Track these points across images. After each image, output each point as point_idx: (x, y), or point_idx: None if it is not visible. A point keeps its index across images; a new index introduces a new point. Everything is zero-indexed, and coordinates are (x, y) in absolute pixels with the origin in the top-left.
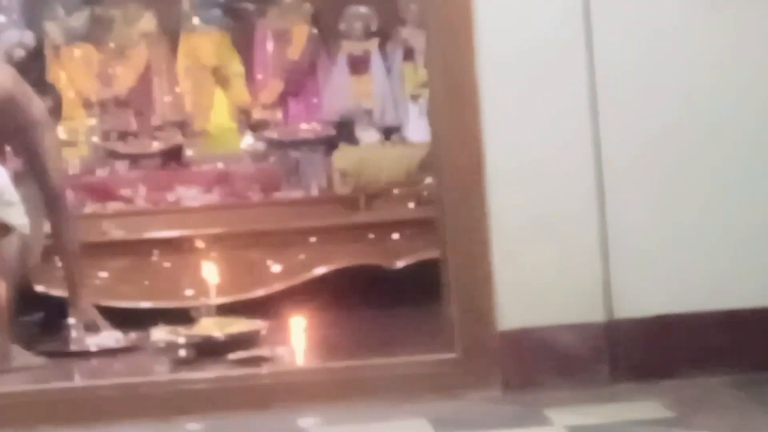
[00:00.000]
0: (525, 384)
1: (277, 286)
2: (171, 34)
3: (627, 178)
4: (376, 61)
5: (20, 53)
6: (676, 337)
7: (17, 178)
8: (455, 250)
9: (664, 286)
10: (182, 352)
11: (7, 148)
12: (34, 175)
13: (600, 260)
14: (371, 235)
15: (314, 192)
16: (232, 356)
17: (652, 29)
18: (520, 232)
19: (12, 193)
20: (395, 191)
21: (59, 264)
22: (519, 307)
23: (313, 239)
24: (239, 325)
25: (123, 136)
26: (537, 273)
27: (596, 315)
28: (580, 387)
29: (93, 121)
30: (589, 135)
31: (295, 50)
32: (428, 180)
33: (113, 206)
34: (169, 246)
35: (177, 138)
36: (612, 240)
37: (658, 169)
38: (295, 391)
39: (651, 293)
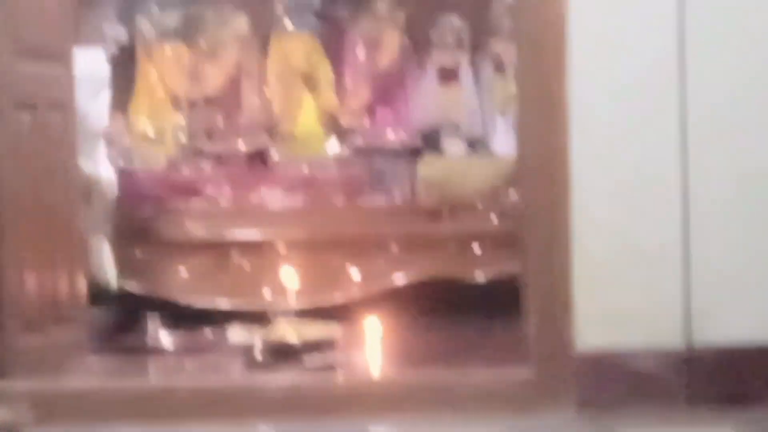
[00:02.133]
0: (600, 405)
1: (356, 293)
2: (263, 36)
3: (713, 210)
4: (465, 73)
5: (112, 49)
6: (755, 365)
7: None
8: (536, 267)
9: (744, 315)
10: (258, 354)
11: None
12: None
13: (682, 287)
14: (452, 247)
15: (398, 200)
16: (307, 361)
17: (746, 72)
18: (604, 255)
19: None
20: (479, 203)
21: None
22: (598, 328)
23: (394, 247)
24: (316, 330)
25: (210, 135)
26: (618, 296)
27: (676, 340)
28: (656, 411)
29: (181, 119)
30: (678, 167)
31: (386, 58)
32: (512, 194)
33: (197, 204)
34: (250, 247)
35: (263, 140)
36: (695, 268)
37: (744, 202)
38: (368, 400)
39: (731, 321)
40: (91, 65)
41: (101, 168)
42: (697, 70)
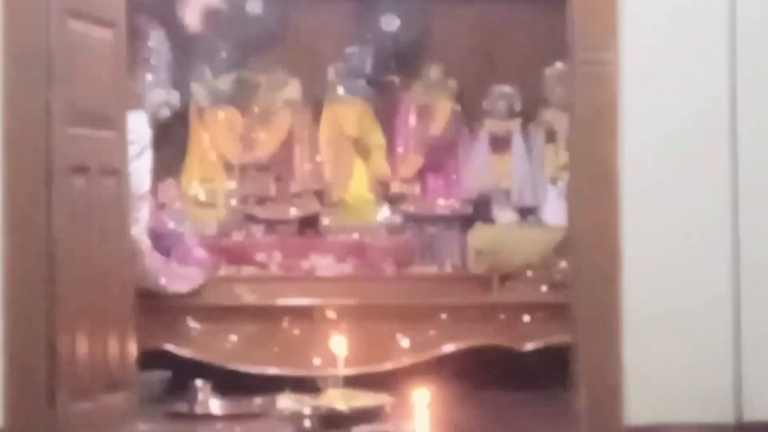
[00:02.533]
0: None
1: (405, 361)
2: (315, 102)
3: (765, 277)
4: (517, 141)
5: (166, 113)
6: None
7: None
8: (586, 338)
9: None
10: (307, 423)
11: None
12: None
13: (732, 359)
14: (502, 316)
15: (448, 269)
16: (356, 430)
17: None
18: (653, 326)
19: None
20: (529, 273)
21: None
22: (648, 401)
23: (444, 316)
24: (365, 399)
25: (261, 200)
26: (667, 368)
27: (726, 416)
28: None
29: (233, 184)
30: (728, 230)
31: (438, 126)
32: (562, 264)
33: (247, 270)
34: (301, 314)
35: (314, 206)
36: (745, 339)
37: None
38: None
39: None
40: (133, 128)
41: (142, 230)
42: (747, 128)
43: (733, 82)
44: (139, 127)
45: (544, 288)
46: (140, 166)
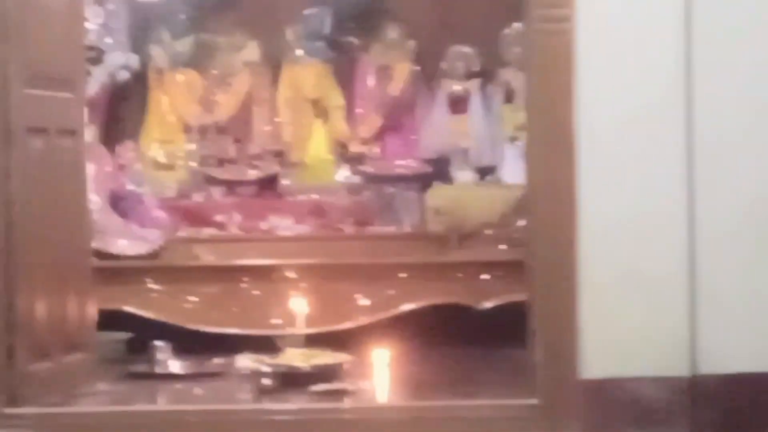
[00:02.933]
0: None
1: (365, 320)
2: (274, 64)
3: (719, 240)
4: (475, 101)
5: (125, 75)
6: (759, 395)
7: None
8: (543, 295)
9: (749, 344)
10: (266, 381)
11: None
12: None
13: (687, 316)
14: (461, 274)
15: (407, 228)
16: (315, 388)
17: (753, 100)
18: (609, 284)
19: None
20: (487, 232)
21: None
22: (603, 356)
23: (403, 275)
24: (324, 357)
25: (221, 162)
26: (623, 324)
27: (680, 369)
28: None
29: (192, 146)
30: (684, 196)
31: (396, 86)
32: (521, 222)
33: (207, 231)
34: (260, 274)
35: (274, 167)
36: (700, 297)
37: (751, 233)
38: (376, 427)
39: (736, 351)
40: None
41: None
42: (704, 97)
43: (689, 39)
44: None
45: (502, 246)
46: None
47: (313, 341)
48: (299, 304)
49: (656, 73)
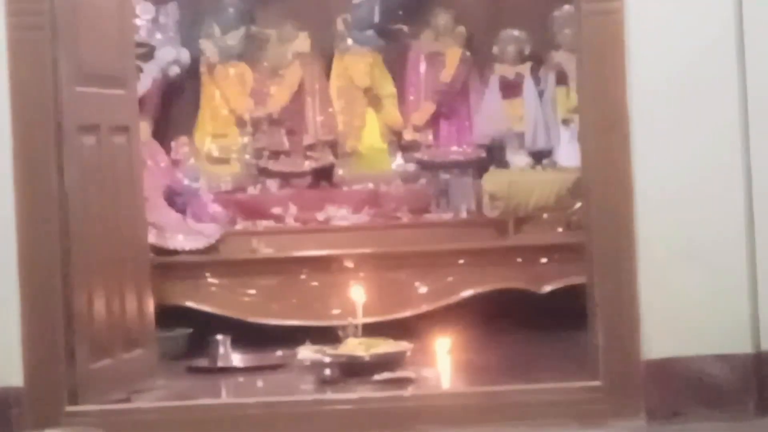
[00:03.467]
0: (669, 414)
1: (424, 308)
2: (325, 54)
3: None
4: (528, 85)
5: (176, 70)
6: None
7: None
8: (602, 276)
9: None
10: (327, 372)
11: None
12: None
13: (749, 291)
14: (519, 259)
15: (463, 214)
16: (377, 377)
17: None
18: (668, 261)
19: None
20: (544, 216)
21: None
22: (665, 336)
23: (461, 261)
24: (385, 346)
25: (275, 154)
26: (684, 302)
27: (744, 346)
28: (726, 419)
29: (246, 139)
30: (740, 164)
31: (448, 73)
32: (578, 205)
33: (263, 224)
34: (318, 265)
35: (328, 158)
36: (761, 271)
37: None
38: (439, 414)
39: None
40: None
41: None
42: (756, 68)
43: (739, 14)
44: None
45: (560, 230)
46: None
47: (374, 330)
48: (358, 294)
49: (707, 51)
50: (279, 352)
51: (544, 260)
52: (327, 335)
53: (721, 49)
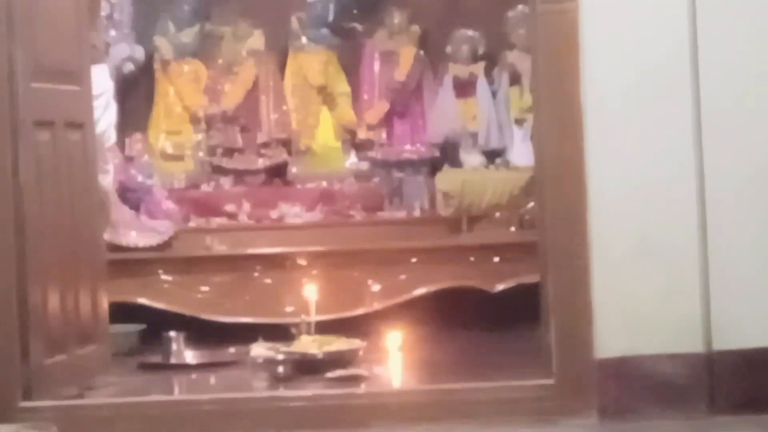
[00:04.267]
0: (622, 412)
1: (377, 306)
2: (279, 52)
3: (730, 210)
4: (482, 85)
5: (130, 67)
6: None
7: None
8: (555, 275)
9: (765, 318)
10: (281, 369)
11: None
12: None
13: (701, 290)
14: (472, 258)
15: (417, 213)
16: (330, 374)
17: (760, 64)
18: (622, 260)
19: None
20: (497, 214)
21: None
22: (618, 335)
23: (414, 260)
24: (338, 344)
25: (229, 152)
26: (637, 301)
27: (696, 346)
28: (678, 417)
29: (200, 136)
30: (693, 166)
31: (402, 71)
32: (530, 204)
33: (217, 221)
34: (272, 262)
35: (282, 155)
36: (713, 270)
37: (762, 201)
38: (392, 412)
39: (752, 325)
40: (97, 81)
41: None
42: (708, 65)
43: (693, 16)
44: (102, 81)
45: (512, 229)
46: (106, 120)
47: (327, 328)
48: (311, 291)
49: (661, 42)
50: (232, 349)
51: (496, 259)
52: (280, 333)
53: (675, 49)
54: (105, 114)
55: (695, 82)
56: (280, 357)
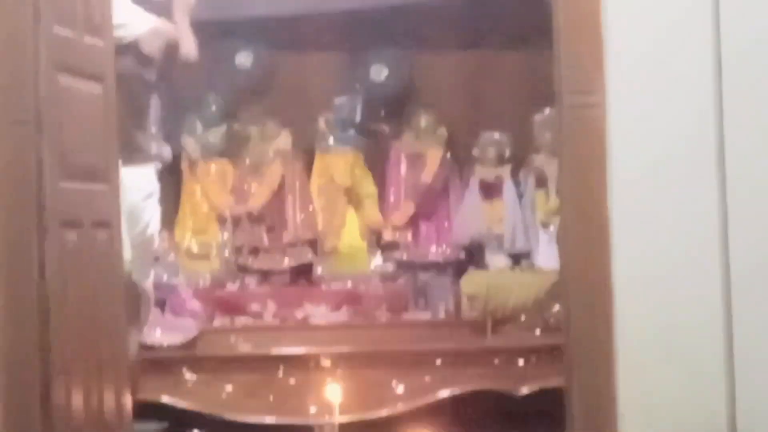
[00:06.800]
0: None
1: (401, 407)
2: (306, 152)
3: (756, 296)
4: (508, 187)
5: (157, 167)
6: None
7: None
8: (580, 378)
9: None
10: None
11: None
12: None
13: (725, 379)
14: (497, 361)
15: (441, 315)
16: None
17: None
18: (647, 360)
19: None
20: (522, 317)
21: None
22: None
23: (438, 362)
24: None
25: (254, 251)
26: (662, 397)
27: None
28: None
29: (225, 236)
30: (717, 262)
31: (428, 173)
32: (556, 307)
33: (242, 321)
34: (296, 362)
35: (308, 256)
36: (738, 358)
37: None
38: None
39: None
40: (142, 181)
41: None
42: (734, 148)
43: (719, 114)
44: (153, 181)
45: (537, 332)
46: (154, 218)
47: (351, 429)
48: (335, 392)
49: (687, 152)
50: None
51: (521, 362)
52: None
53: (701, 148)
54: (155, 215)
55: (721, 180)
56: None
